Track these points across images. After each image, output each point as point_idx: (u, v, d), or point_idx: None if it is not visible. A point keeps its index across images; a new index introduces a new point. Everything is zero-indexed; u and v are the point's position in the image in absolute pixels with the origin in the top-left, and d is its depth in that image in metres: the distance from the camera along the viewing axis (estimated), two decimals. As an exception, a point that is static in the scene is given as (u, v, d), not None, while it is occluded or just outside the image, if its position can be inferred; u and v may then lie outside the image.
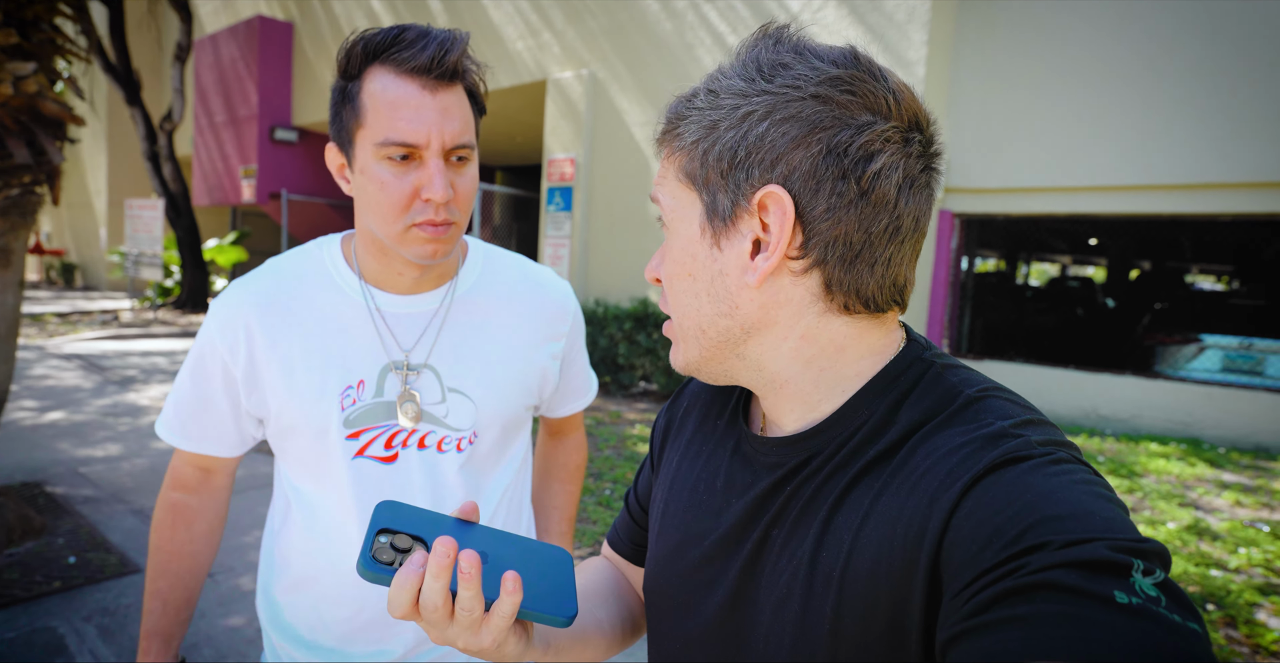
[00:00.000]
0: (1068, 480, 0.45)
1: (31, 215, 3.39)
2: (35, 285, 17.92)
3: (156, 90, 15.70)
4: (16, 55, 3.26)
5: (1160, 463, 4.51)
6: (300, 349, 0.97)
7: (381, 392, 0.98)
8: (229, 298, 1.00)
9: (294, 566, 1.04)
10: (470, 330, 1.03)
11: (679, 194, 0.57)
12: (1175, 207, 5.23)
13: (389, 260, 0.97)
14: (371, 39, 0.87)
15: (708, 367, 0.61)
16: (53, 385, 6.60)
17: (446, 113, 0.88)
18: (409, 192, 0.88)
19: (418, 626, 1.03)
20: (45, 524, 3.44)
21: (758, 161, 0.52)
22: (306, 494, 1.02)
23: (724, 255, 0.55)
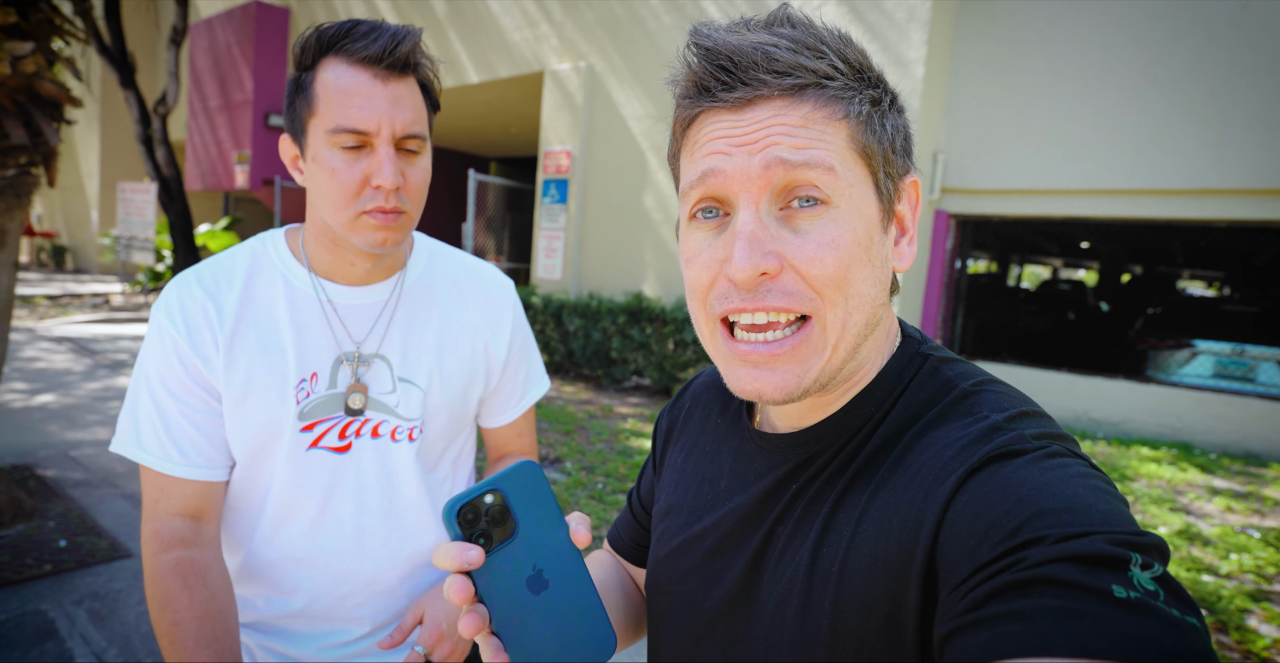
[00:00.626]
0: (1064, 474, 0.45)
1: (27, 196, 3.36)
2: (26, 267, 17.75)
3: (151, 73, 15.54)
4: (14, 35, 3.22)
5: (1151, 467, 4.54)
6: (255, 346, 0.95)
7: (335, 383, 0.99)
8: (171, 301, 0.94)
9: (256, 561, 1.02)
10: (419, 321, 1.04)
11: (853, 167, 0.51)
12: (1169, 212, 5.26)
13: (340, 251, 0.97)
14: (325, 31, 0.89)
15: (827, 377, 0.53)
16: (43, 368, 6.55)
17: (398, 102, 0.89)
18: (359, 179, 0.88)
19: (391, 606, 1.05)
20: (36, 507, 3.41)
21: (903, 148, 0.54)
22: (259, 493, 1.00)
23: (887, 239, 0.54)
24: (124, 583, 2.82)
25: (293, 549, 1.00)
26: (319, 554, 1.01)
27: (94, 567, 2.93)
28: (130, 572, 2.91)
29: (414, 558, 1.06)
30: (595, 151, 7.40)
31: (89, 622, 2.55)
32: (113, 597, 2.72)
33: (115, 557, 3.02)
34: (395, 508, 1.04)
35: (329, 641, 1.03)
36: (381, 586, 1.04)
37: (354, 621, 1.04)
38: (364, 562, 1.02)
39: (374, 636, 1.05)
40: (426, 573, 1.07)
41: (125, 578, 2.86)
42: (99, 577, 2.85)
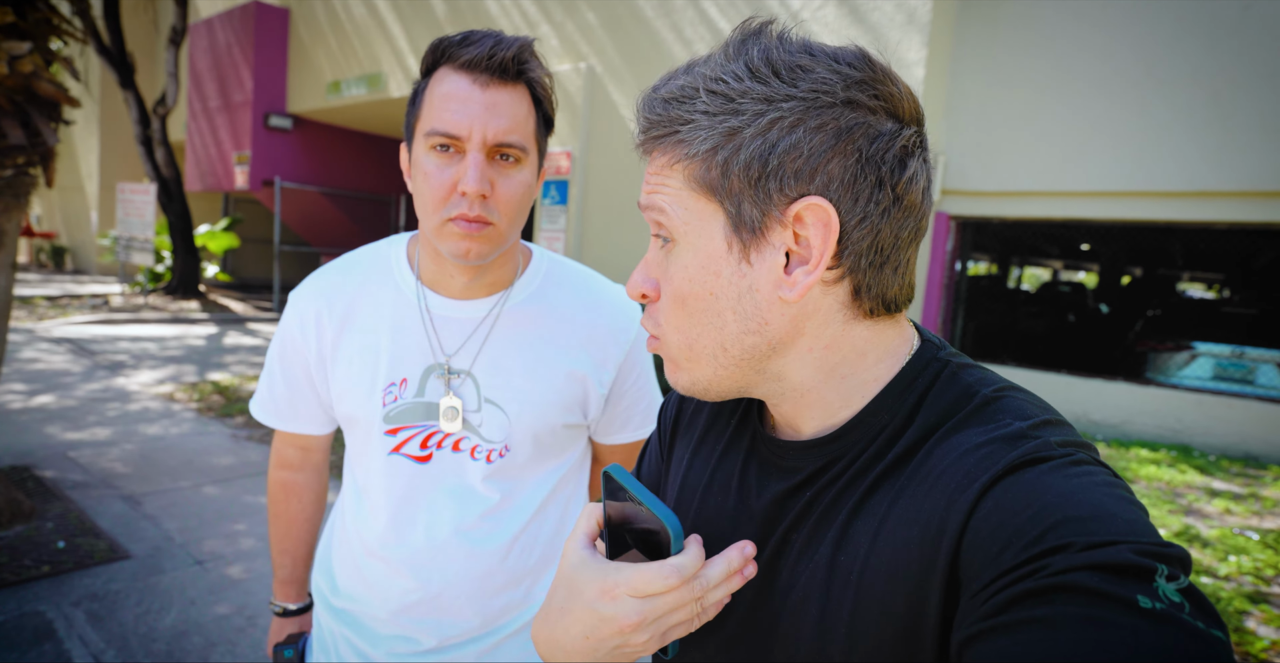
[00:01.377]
0: (1089, 482, 0.44)
1: (25, 197, 3.35)
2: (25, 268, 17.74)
3: (151, 74, 15.53)
4: (12, 34, 3.21)
5: (1151, 469, 4.54)
6: (357, 344, 1.01)
7: (422, 392, 1.00)
8: (302, 291, 1.06)
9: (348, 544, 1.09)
10: (515, 343, 1.01)
11: (691, 205, 0.53)
12: (1169, 214, 5.26)
13: (441, 262, 0.98)
14: (444, 39, 0.90)
15: (720, 385, 0.57)
16: (42, 369, 6.54)
17: (494, 109, 0.87)
18: (449, 184, 0.88)
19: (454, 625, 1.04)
20: (34, 508, 3.41)
21: (792, 172, 0.49)
22: (357, 479, 1.08)
23: (754, 270, 0.52)
24: (122, 584, 2.82)
25: (370, 541, 1.04)
26: (392, 556, 1.03)
27: (92, 568, 2.92)
28: (128, 573, 2.91)
29: (484, 580, 1.03)
30: (595, 153, 7.40)
31: (87, 623, 2.54)
32: (111, 598, 2.71)
33: (114, 558, 3.01)
34: (466, 526, 1.02)
35: (398, 646, 1.04)
36: (447, 601, 1.03)
37: (422, 631, 1.03)
38: (432, 574, 1.02)
39: (440, 651, 1.04)
40: (498, 595, 1.05)
41: (123, 579, 2.86)
42: (97, 578, 2.85)
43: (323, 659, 1.12)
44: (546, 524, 1.09)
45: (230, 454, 4.52)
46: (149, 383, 6.31)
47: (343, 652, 1.08)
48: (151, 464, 4.24)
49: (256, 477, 4.15)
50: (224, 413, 5.45)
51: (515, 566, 1.05)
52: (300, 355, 1.05)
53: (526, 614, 1.07)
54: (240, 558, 3.12)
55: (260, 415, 1.12)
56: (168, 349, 8.03)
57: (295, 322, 1.04)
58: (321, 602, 1.13)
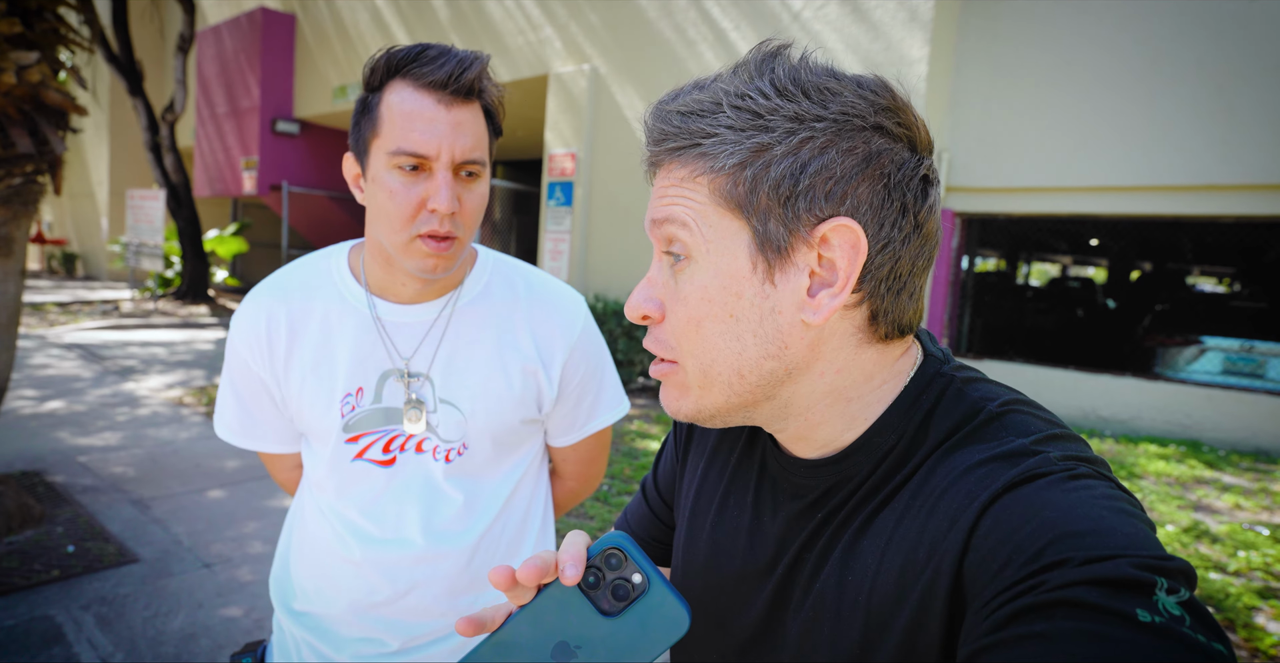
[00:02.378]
0: (1087, 496, 0.44)
1: (33, 205, 3.39)
2: (36, 275, 17.92)
3: (159, 81, 15.66)
4: (20, 44, 3.25)
5: (1160, 465, 4.51)
6: (308, 359, 1.01)
7: (380, 399, 1.01)
8: (244, 313, 1.04)
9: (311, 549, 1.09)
10: (466, 342, 1.03)
11: (715, 221, 0.51)
12: (1176, 208, 5.23)
13: (393, 271, 0.99)
14: (395, 54, 0.90)
15: (726, 413, 0.56)
16: (53, 374, 6.61)
17: (459, 128, 0.90)
18: (416, 202, 0.90)
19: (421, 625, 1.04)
20: (44, 513, 3.44)
21: (823, 193, 0.49)
22: (319, 486, 1.08)
23: (778, 292, 0.51)
24: (131, 588, 2.84)
25: (336, 545, 1.05)
26: (359, 558, 1.03)
27: (101, 572, 2.95)
28: (137, 577, 2.93)
29: (451, 580, 1.05)
30: (600, 154, 7.41)
31: (96, 627, 2.56)
32: (120, 602, 2.74)
33: (123, 562, 3.04)
34: (434, 526, 1.04)
35: (363, 648, 1.05)
36: (414, 601, 1.04)
37: (388, 632, 1.04)
38: (400, 575, 1.03)
39: (406, 652, 1.05)
40: (462, 597, 1.06)
41: (132, 583, 2.88)
42: (106, 582, 2.87)
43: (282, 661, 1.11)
44: (511, 522, 1.11)
45: (237, 458, 4.55)
46: (158, 388, 6.37)
47: (305, 655, 1.08)
48: (160, 468, 4.27)
49: (263, 480, 4.18)
50: (232, 417, 5.48)
51: (481, 566, 1.07)
52: (256, 378, 1.04)
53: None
54: (248, 561, 3.15)
55: (226, 436, 1.10)
56: (177, 354, 8.09)
57: (243, 345, 1.03)
58: (282, 607, 1.12)
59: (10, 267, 3.32)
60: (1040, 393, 5.68)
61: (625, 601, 0.47)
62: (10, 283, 3.33)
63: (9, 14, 3.22)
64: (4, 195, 3.25)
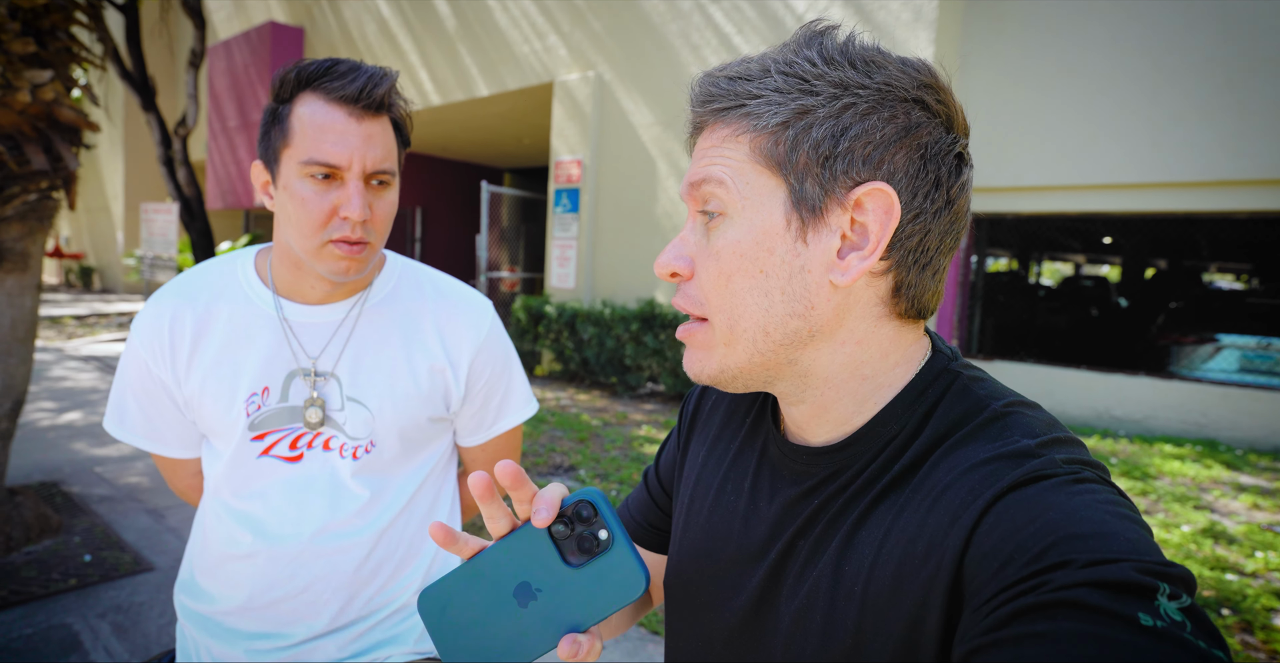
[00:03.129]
0: (1091, 500, 0.44)
1: (48, 220, 3.45)
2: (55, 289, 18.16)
3: (171, 96, 15.88)
4: (34, 63, 3.31)
5: (1175, 465, 4.46)
6: (211, 360, 1.03)
7: (286, 397, 1.03)
8: (149, 312, 1.05)
9: (211, 551, 1.10)
10: (374, 342, 1.06)
11: (752, 178, 0.53)
12: (1188, 204, 5.18)
13: (302, 274, 1.02)
14: (305, 68, 0.94)
15: (749, 374, 0.56)
16: (70, 387, 6.69)
17: (370, 140, 0.94)
18: (328, 209, 0.93)
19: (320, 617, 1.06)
20: (62, 523, 3.49)
21: (861, 156, 0.50)
22: (216, 486, 1.09)
23: (809, 250, 0.52)
24: (146, 596, 2.87)
25: (237, 542, 1.06)
26: (259, 554, 1.05)
27: (117, 580, 2.98)
28: (152, 585, 2.97)
29: (352, 574, 1.07)
30: (606, 160, 7.44)
31: (112, 634, 2.60)
32: (135, 610, 2.77)
33: (138, 570, 3.08)
34: (338, 521, 1.06)
35: (259, 643, 1.06)
36: (313, 595, 1.06)
37: (287, 626, 1.06)
38: (299, 570, 1.05)
39: (303, 645, 1.06)
40: (363, 587, 1.08)
41: (147, 591, 2.91)
42: (122, 590, 2.91)
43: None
44: (414, 518, 1.13)
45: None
46: (173, 398, 6.43)
47: (202, 657, 1.10)
48: (175, 478, 4.32)
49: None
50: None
51: (381, 558, 1.09)
52: (157, 380, 1.05)
53: (390, 606, 1.11)
54: (261, 569, 3.17)
55: (122, 434, 1.08)
56: (192, 365, 8.17)
57: (144, 348, 1.04)
58: (183, 612, 1.13)
59: (27, 281, 3.37)
60: (1053, 393, 5.64)
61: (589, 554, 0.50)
62: (27, 297, 3.38)
63: (23, 34, 3.28)
64: (20, 211, 3.31)
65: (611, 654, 2.60)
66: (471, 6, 8.62)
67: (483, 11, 8.50)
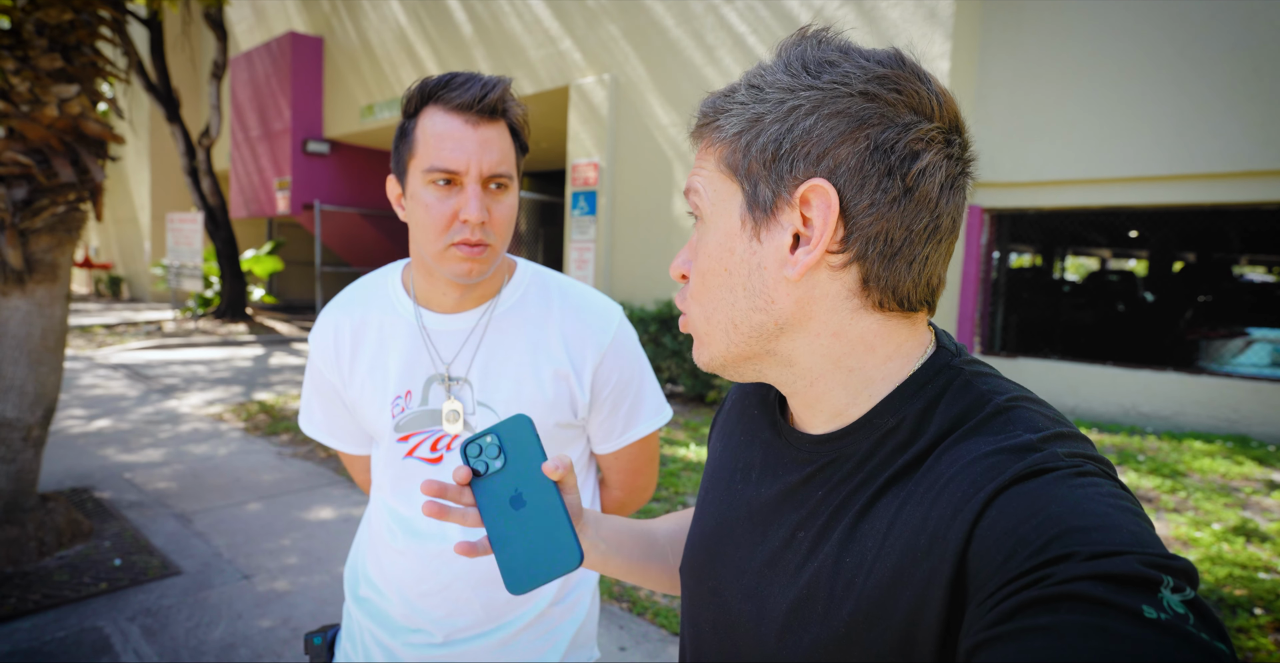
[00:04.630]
0: (1094, 493, 0.44)
1: (76, 231, 3.52)
2: (85, 299, 18.55)
3: (195, 107, 16.16)
4: (60, 78, 3.39)
5: (1205, 462, 4.37)
6: (366, 366, 1.12)
7: (426, 401, 1.09)
8: (320, 324, 1.17)
9: (376, 543, 1.18)
10: (501, 348, 1.09)
11: (718, 185, 0.57)
12: (1214, 196, 5.08)
13: (434, 282, 1.08)
14: (427, 83, 1.00)
15: (735, 363, 0.60)
16: (100, 394, 6.83)
17: (486, 145, 0.98)
18: (449, 213, 0.98)
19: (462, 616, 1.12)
20: (93, 528, 3.56)
21: (802, 155, 0.52)
22: (378, 483, 1.18)
23: (763, 248, 0.55)
24: (174, 599, 2.92)
25: (392, 538, 1.13)
26: (409, 550, 1.11)
27: (146, 584, 3.04)
28: (179, 589, 3.02)
29: (489, 572, 1.11)
30: (622, 162, 7.45)
31: (141, 637, 2.64)
32: (163, 613, 2.82)
33: (166, 574, 3.13)
34: None
35: (414, 638, 1.12)
36: (455, 593, 1.11)
37: (432, 623, 1.11)
38: (442, 567, 1.10)
39: (449, 644, 1.11)
40: (501, 590, 1.12)
41: (175, 594, 2.96)
42: (151, 594, 2.96)
43: (349, 648, 1.20)
44: None
45: (275, 471, 4.66)
46: (199, 405, 6.54)
47: (367, 643, 1.16)
48: (201, 483, 4.39)
49: (300, 492, 4.27)
50: (269, 431, 5.61)
51: None
52: (329, 384, 1.16)
53: (530, 612, 1.13)
54: (285, 572, 3.22)
55: (313, 432, 1.23)
56: (216, 371, 8.31)
57: (318, 355, 1.15)
58: (351, 594, 1.21)
59: (56, 291, 3.45)
60: (1078, 390, 5.55)
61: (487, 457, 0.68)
62: (57, 307, 3.46)
63: (49, 50, 3.36)
64: (49, 223, 3.38)
65: (633, 655, 2.61)
66: (487, 13, 8.69)
67: (498, 17, 8.56)
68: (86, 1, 3.42)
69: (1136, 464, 4.36)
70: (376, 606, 1.16)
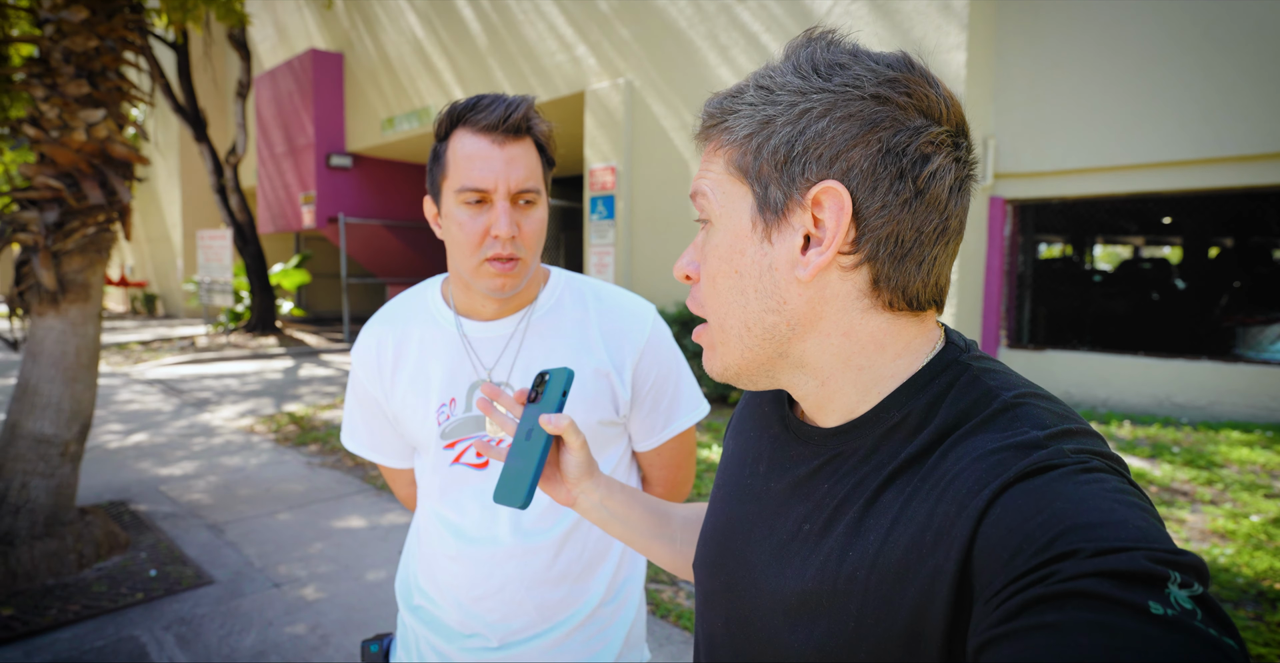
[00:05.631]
0: (1099, 489, 0.44)
1: (106, 251, 3.63)
2: (121, 316, 19.04)
3: (221, 126, 16.53)
4: (87, 104, 3.50)
5: (1243, 452, 4.25)
6: (409, 377, 1.15)
7: (470, 407, 1.13)
8: (362, 338, 1.21)
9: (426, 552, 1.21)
10: (542, 351, 1.14)
11: (727, 187, 0.57)
12: (1247, 179, 4.94)
13: (473, 293, 1.12)
14: (456, 107, 1.05)
15: (749, 370, 0.60)
16: (137, 409, 7.01)
17: (513, 163, 1.03)
18: (481, 230, 1.03)
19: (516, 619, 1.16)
20: (129, 540, 3.66)
21: (815, 157, 0.53)
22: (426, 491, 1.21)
23: (775, 249, 0.55)
24: (207, 608, 2.99)
25: (443, 545, 1.16)
26: (461, 556, 1.14)
27: (180, 594, 3.11)
28: (212, 598, 3.09)
29: (540, 574, 1.13)
30: (639, 165, 7.47)
31: (176, 645, 2.71)
32: (197, 621, 2.89)
33: (199, 584, 3.20)
34: (521, 524, 1.14)
35: (471, 642, 1.15)
36: (509, 595, 1.13)
37: (487, 627, 1.13)
38: (494, 570, 1.13)
39: (505, 648, 1.14)
40: (553, 589, 1.14)
41: (208, 604, 3.03)
42: (185, 603, 3.03)
43: (404, 656, 1.24)
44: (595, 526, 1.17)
45: (304, 481, 4.74)
46: (231, 417, 6.68)
47: (423, 650, 1.19)
48: (233, 494, 4.49)
49: (328, 501, 4.34)
50: (299, 442, 5.71)
51: (569, 560, 1.15)
52: (371, 397, 1.19)
53: (581, 612, 1.16)
54: (314, 580, 3.27)
55: (354, 448, 1.26)
56: (248, 384, 8.48)
57: (361, 369, 1.19)
58: (404, 603, 1.24)
59: (89, 310, 3.55)
60: (1109, 381, 5.43)
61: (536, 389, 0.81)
62: (90, 325, 3.56)
63: (76, 76, 3.47)
64: (80, 245, 3.49)
65: (656, 657, 2.61)
66: (502, 22, 8.77)
67: (513, 27, 8.64)
68: (110, 28, 3.52)
69: (1171, 456, 4.25)
70: (431, 613, 1.19)
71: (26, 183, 3.51)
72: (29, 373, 3.42)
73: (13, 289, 3.46)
